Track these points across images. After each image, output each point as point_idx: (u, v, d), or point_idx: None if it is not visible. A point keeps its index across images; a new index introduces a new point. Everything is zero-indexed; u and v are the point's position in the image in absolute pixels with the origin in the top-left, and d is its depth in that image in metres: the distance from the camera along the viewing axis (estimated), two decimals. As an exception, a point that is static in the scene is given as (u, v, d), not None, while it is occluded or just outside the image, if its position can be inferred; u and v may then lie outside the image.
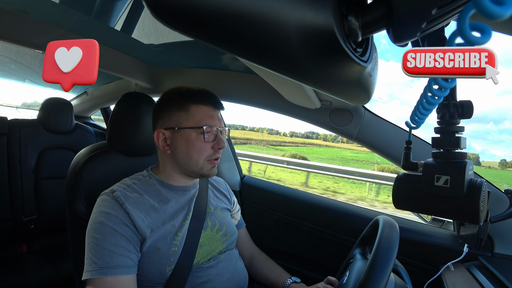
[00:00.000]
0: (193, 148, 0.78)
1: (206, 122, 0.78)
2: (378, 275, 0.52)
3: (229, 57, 1.11)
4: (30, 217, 1.59)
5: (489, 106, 39.83)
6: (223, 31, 0.22)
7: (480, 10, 0.19)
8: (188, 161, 0.79)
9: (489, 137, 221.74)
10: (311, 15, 0.26)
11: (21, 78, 2.10)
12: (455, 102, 0.42)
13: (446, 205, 0.41)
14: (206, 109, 0.80)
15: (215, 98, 0.83)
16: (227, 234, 0.89)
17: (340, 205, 1.24)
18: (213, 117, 0.80)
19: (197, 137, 0.77)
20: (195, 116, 0.78)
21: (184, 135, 0.78)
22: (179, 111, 0.79)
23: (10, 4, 0.81)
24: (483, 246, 0.89)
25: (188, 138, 0.78)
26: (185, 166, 0.80)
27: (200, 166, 0.79)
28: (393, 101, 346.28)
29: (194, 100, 0.79)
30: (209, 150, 0.79)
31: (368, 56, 0.39)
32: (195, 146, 0.78)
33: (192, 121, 0.78)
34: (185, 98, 0.79)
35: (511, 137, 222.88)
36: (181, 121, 0.78)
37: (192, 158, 0.79)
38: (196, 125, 0.77)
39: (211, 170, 0.81)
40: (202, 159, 0.79)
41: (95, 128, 2.06)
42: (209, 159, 0.80)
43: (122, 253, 0.68)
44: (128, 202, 0.73)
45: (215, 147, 0.80)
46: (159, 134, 0.80)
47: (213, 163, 0.81)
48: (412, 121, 0.46)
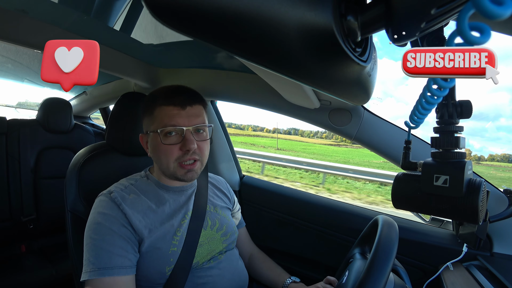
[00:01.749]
0: (160, 152, 0.76)
1: (166, 123, 0.74)
2: (377, 275, 0.52)
3: (228, 57, 1.11)
4: (29, 217, 1.59)
5: (483, 104, 39.03)
6: (222, 31, 0.22)
7: (479, 10, 0.19)
8: (161, 165, 0.78)
9: (486, 134, 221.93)
10: (311, 15, 0.26)
11: (20, 77, 2.10)
12: (454, 102, 0.42)
13: (445, 205, 0.41)
14: (168, 109, 0.75)
15: (186, 93, 0.79)
16: (227, 233, 0.89)
17: (340, 204, 1.24)
18: (178, 116, 0.75)
19: (162, 139, 0.74)
20: (157, 118, 0.76)
21: (152, 139, 0.78)
22: (148, 115, 0.79)
23: (9, 4, 0.81)
24: (482, 246, 0.90)
25: (155, 142, 0.76)
26: (161, 170, 0.80)
27: (172, 170, 0.76)
28: (388, 98, 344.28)
29: (159, 102, 0.77)
30: (176, 152, 0.75)
31: (367, 55, 0.39)
32: (161, 149, 0.75)
33: (155, 124, 0.76)
34: (152, 101, 0.78)
35: (508, 135, 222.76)
36: (149, 124, 0.78)
37: (162, 162, 0.77)
38: (157, 128, 0.75)
39: (185, 175, 0.76)
40: (171, 162, 0.75)
41: (94, 128, 2.06)
42: (179, 162, 0.75)
43: (120, 253, 0.68)
44: (125, 203, 0.73)
45: (182, 149, 0.75)
46: (142, 138, 0.82)
47: (186, 168, 0.76)
48: (411, 121, 0.46)
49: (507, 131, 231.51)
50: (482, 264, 0.88)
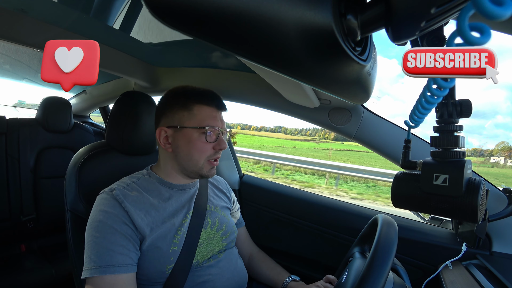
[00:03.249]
0: (194, 148, 0.78)
1: (208, 122, 0.78)
2: (377, 274, 0.53)
3: (228, 56, 1.10)
4: (28, 217, 1.59)
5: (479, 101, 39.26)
6: (222, 30, 0.22)
7: (479, 10, 0.19)
8: (189, 160, 0.79)
9: (484, 132, 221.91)
10: (310, 14, 0.26)
11: (19, 77, 2.09)
12: (453, 101, 0.42)
13: (444, 204, 0.42)
14: (210, 109, 0.80)
15: (219, 99, 0.83)
16: (227, 232, 0.89)
17: (339, 203, 1.24)
18: (215, 118, 0.80)
19: (198, 137, 0.78)
20: (198, 116, 0.78)
21: (186, 135, 0.78)
22: (182, 110, 0.79)
23: (9, 3, 0.81)
24: (481, 245, 0.90)
25: (190, 138, 0.78)
26: (185, 166, 0.80)
27: (200, 166, 0.80)
28: (384, 96, 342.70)
29: (198, 100, 0.79)
30: (210, 150, 0.80)
31: (367, 55, 0.39)
32: (197, 146, 0.78)
33: (195, 121, 0.78)
34: (189, 98, 0.80)
35: (506, 132, 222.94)
36: (184, 120, 0.78)
37: (193, 157, 0.79)
38: (199, 125, 0.78)
39: (210, 171, 0.82)
40: (202, 159, 0.79)
41: (93, 127, 2.06)
42: (209, 160, 0.80)
43: (121, 251, 0.68)
44: (127, 201, 0.73)
45: (216, 148, 0.80)
46: (161, 132, 0.81)
47: (213, 164, 0.81)
48: (411, 120, 0.46)
49: (505, 128, 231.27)
50: (481, 263, 0.88)
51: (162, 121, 0.82)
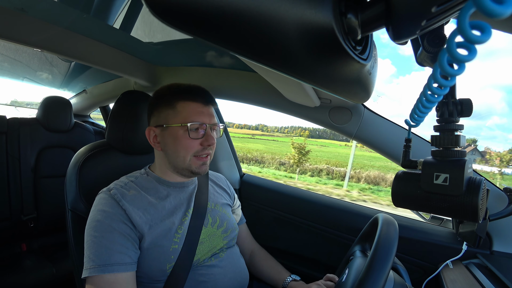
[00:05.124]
0: (180, 145, 0.78)
1: (193, 118, 0.78)
2: (377, 273, 0.53)
3: (228, 55, 1.10)
4: (29, 216, 1.59)
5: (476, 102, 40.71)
6: (222, 29, 0.22)
7: (480, 8, 0.19)
8: (176, 158, 0.79)
9: (481, 133, 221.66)
10: (310, 13, 0.26)
11: (19, 76, 2.09)
12: (454, 100, 0.42)
13: (445, 203, 0.41)
14: (195, 105, 0.79)
15: (205, 93, 0.82)
16: (228, 230, 0.89)
17: (339, 203, 1.24)
18: (201, 113, 0.79)
19: (184, 134, 0.77)
20: (182, 113, 0.78)
21: (172, 133, 0.78)
22: (167, 108, 0.79)
23: (9, 2, 0.81)
24: (481, 244, 0.90)
25: (176, 135, 0.78)
26: (174, 164, 0.81)
27: (188, 163, 0.79)
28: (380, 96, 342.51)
29: (181, 97, 0.79)
30: (196, 146, 0.79)
31: (368, 54, 0.39)
32: (182, 143, 0.78)
33: (179, 118, 0.78)
34: (173, 95, 0.80)
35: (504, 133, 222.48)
36: (169, 118, 0.79)
37: (180, 155, 0.79)
38: (183, 122, 0.77)
39: (200, 167, 0.81)
40: (189, 156, 0.79)
41: (94, 126, 2.06)
42: (196, 155, 0.80)
43: (120, 250, 0.68)
44: (125, 200, 0.74)
45: (203, 144, 0.79)
46: (150, 132, 0.82)
47: (202, 160, 0.80)
48: (412, 119, 0.46)
49: (502, 129, 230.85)
50: (481, 262, 0.88)
51: (151, 120, 0.83)
